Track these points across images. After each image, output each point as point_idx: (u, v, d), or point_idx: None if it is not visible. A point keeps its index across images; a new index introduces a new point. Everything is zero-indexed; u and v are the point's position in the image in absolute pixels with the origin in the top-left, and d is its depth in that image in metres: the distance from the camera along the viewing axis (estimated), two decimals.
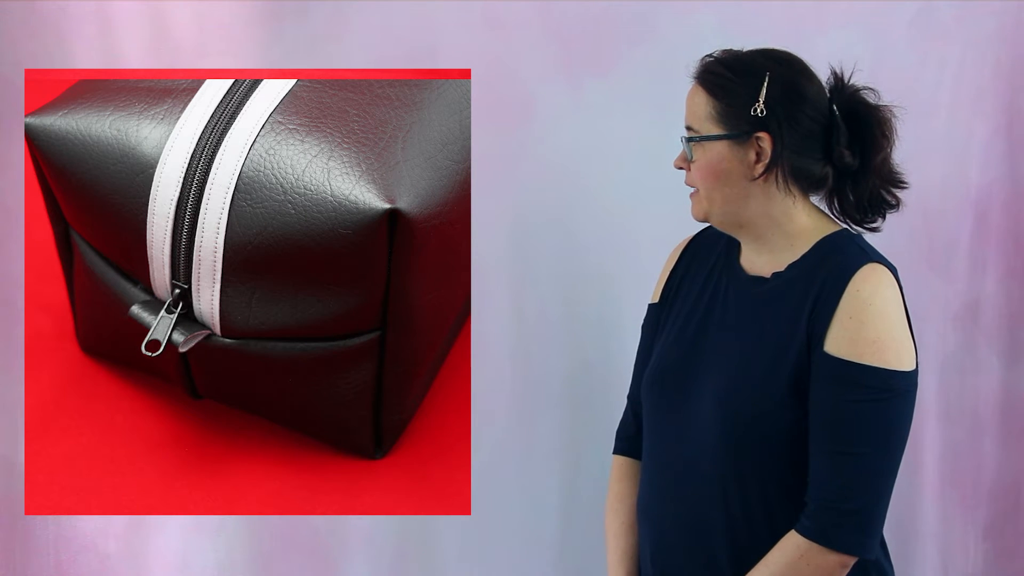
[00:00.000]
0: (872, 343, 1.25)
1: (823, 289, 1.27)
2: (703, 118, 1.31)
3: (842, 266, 1.28)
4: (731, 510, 1.29)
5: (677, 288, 1.41)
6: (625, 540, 1.41)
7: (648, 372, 1.38)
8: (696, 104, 1.32)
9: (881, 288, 1.27)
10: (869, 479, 1.25)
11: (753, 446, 1.28)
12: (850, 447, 1.24)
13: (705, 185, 1.32)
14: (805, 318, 1.27)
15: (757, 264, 1.34)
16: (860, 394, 1.24)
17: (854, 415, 1.25)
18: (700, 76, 1.32)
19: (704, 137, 1.30)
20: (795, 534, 1.26)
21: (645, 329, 1.45)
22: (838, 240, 1.32)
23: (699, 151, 1.31)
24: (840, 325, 1.25)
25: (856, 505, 1.25)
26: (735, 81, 1.30)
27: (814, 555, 1.25)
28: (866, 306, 1.26)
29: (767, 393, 1.27)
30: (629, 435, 1.45)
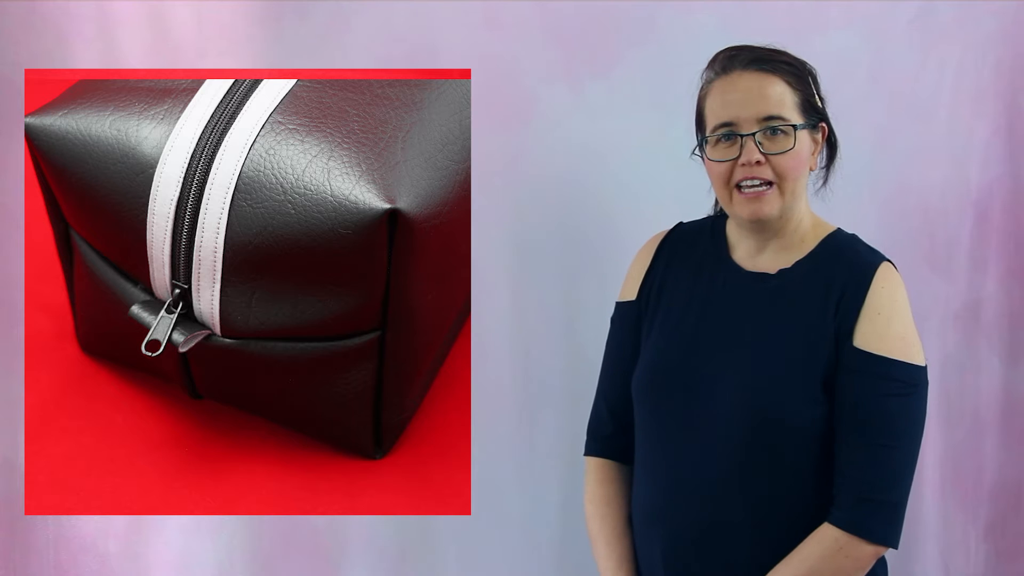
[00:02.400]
0: (901, 339, 1.27)
1: (848, 285, 1.28)
2: (790, 107, 1.29)
3: (863, 263, 1.30)
4: (755, 507, 1.29)
5: (660, 285, 1.39)
6: (620, 545, 1.39)
7: (645, 371, 1.37)
8: (778, 93, 1.29)
9: (900, 286, 1.30)
10: (898, 471, 1.27)
11: (778, 443, 1.28)
12: (883, 440, 1.26)
13: (795, 176, 1.30)
14: (832, 314, 1.28)
15: (759, 261, 1.34)
16: (892, 388, 1.26)
17: (886, 409, 1.26)
18: (771, 65, 1.30)
19: (803, 125, 1.30)
20: (831, 527, 1.26)
21: (620, 326, 1.43)
22: (844, 238, 1.34)
23: (791, 141, 1.29)
24: (869, 321, 1.27)
25: (889, 497, 1.26)
26: (800, 72, 1.31)
27: (853, 547, 1.26)
28: (891, 303, 1.28)
29: (798, 390, 1.27)
30: (605, 435, 1.43)
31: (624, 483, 1.41)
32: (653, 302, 1.39)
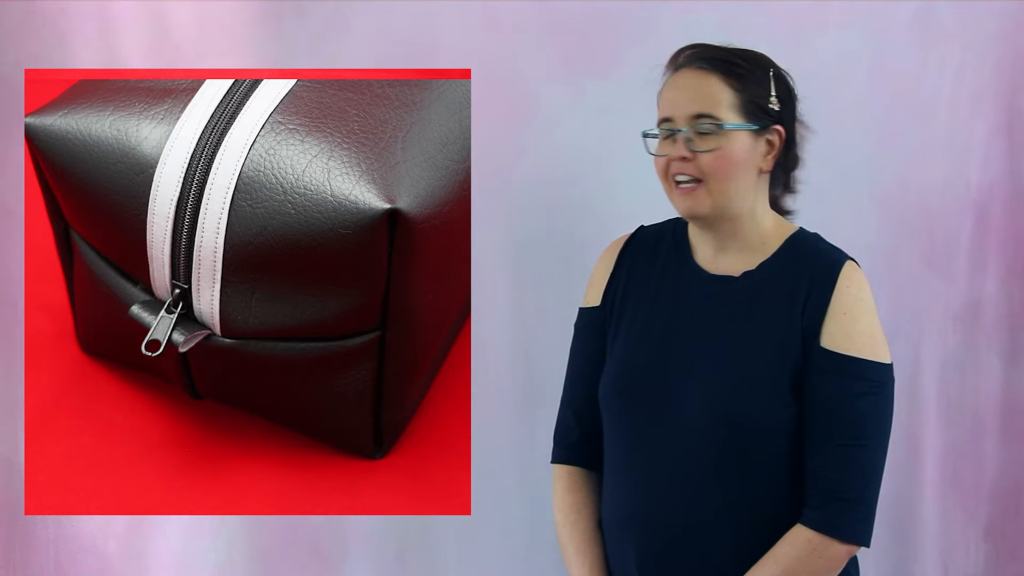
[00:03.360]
0: (867, 337, 1.27)
1: (812, 286, 1.28)
2: (724, 106, 1.29)
3: (827, 263, 1.29)
4: (728, 509, 1.29)
5: (624, 290, 1.39)
6: (591, 552, 1.39)
7: (613, 378, 1.36)
8: (712, 91, 1.29)
9: (864, 285, 1.30)
10: (868, 470, 1.27)
11: (748, 445, 1.28)
12: (853, 439, 1.26)
13: (721, 176, 1.29)
14: (798, 315, 1.27)
15: (721, 263, 1.33)
16: (860, 387, 1.26)
17: (854, 408, 1.26)
18: (711, 63, 1.30)
19: (736, 125, 1.29)
20: (803, 528, 1.26)
21: (584, 333, 1.42)
22: (808, 238, 1.34)
23: (719, 140, 1.28)
24: (835, 320, 1.27)
25: (860, 495, 1.26)
26: (750, 71, 1.30)
27: (826, 547, 1.26)
28: (857, 301, 1.27)
29: (769, 392, 1.27)
30: (572, 442, 1.42)
31: (593, 490, 1.41)
32: (618, 307, 1.38)
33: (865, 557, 1.59)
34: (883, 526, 2.13)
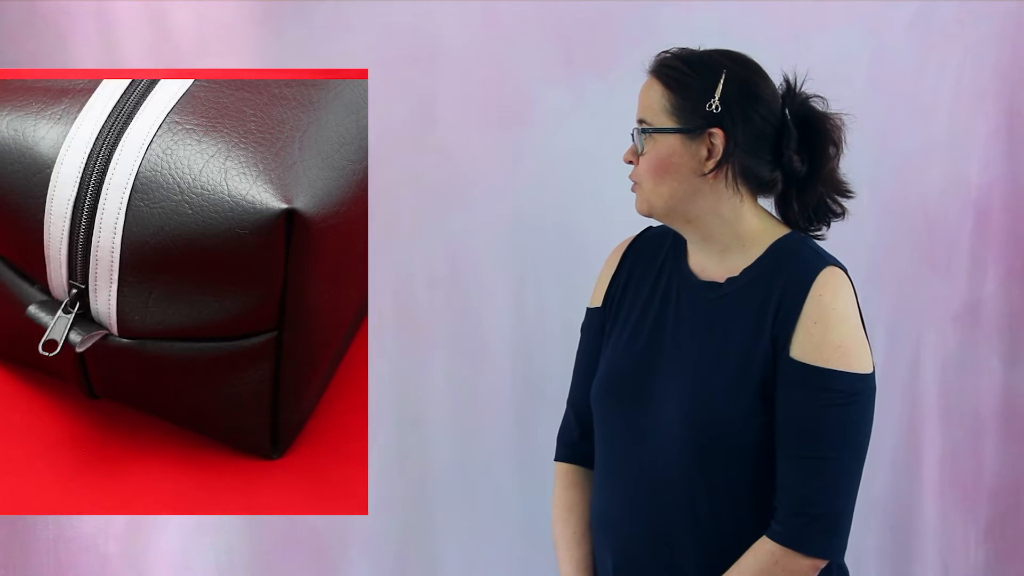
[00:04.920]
0: (838, 348, 1.25)
1: (785, 294, 1.26)
2: (657, 111, 1.30)
3: (802, 271, 1.27)
4: (699, 517, 1.28)
5: (622, 292, 1.39)
6: (579, 550, 1.39)
7: (599, 380, 1.36)
8: (651, 97, 1.31)
9: (842, 292, 1.27)
10: (838, 483, 1.25)
11: (720, 453, 1.27)
12: (819, 452, 1.24)
13: (651, 178, 1.30)
14: (769, 324, 1.26)
15: (708, 268, 1.33)
16: (828, 399, 1.24)
17: (822, 420, 1.24)
18: (656, 70, 1.31)
19: (657, 129, 1.29)
20: (767, 540, 1.26)
21: (587, 333, 1.42)
22: (792, 243, 1.31)
23: (650, 144, 1.29)
24: (805, 331, 1.25)
25: (827, 509, 1.25)
26: (691, 76, 1.29)
27: (788, 560, 1.25)
28: (829, 311, 1.25)
29: (735, 400, 1.26)
30: (572, 441, 1.43)
31: (588, 489, 1.41)
32: (615, 309, 1.38)
33: (865, 557, 1.61)
34: (883, 526, 2.14)
